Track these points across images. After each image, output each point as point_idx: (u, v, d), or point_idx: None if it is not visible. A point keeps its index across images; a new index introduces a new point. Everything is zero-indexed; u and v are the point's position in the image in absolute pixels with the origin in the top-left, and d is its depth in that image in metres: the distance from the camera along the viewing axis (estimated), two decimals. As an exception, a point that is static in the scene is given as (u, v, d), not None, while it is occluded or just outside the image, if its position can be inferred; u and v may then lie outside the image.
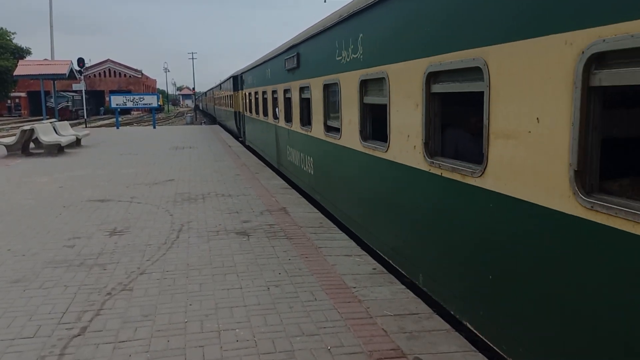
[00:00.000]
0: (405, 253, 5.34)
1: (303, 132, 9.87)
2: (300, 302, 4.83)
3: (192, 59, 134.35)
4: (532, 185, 3.22)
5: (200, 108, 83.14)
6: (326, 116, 8.23)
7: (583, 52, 2.71)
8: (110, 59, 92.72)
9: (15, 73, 34.01)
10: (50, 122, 21.08)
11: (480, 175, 3.77)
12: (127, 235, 7.25)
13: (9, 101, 70.56)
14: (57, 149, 18.12)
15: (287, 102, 11.28)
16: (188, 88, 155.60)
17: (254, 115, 17.58)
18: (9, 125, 40.07)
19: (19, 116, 66.56)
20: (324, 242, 6.82)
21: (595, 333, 2.78)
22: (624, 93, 4.18)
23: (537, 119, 3.13)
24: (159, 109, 70.87)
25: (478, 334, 3.91)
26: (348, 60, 6.76)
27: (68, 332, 4.23)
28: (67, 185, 11.54)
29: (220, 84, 36.09)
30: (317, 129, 8.75)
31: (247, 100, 19.27)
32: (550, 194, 3.05)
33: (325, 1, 21.09)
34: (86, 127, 34.46)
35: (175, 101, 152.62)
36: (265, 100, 14.68)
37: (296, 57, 9.88)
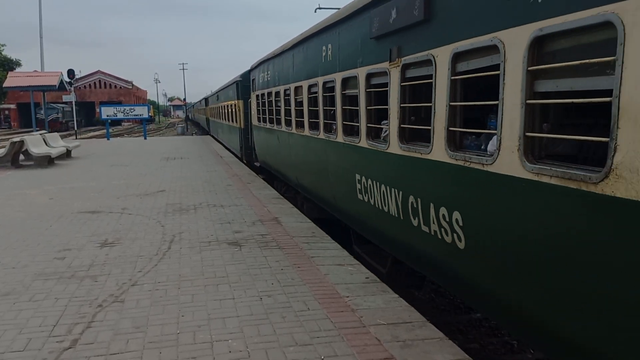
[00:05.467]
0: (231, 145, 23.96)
1: (219, 120, 29.62)
2: (293, 312, 4.82)
3: (183, 69, 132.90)
4: None
5: (190, 118, 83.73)
6: (224, 116, 25.79)
7: None
8: (101, 70, 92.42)
9: (4, 85, 33.89)
10: (40, 134, 20.93)
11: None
12: (118, 246, 7.20)
13: (-2, 113, 70.14)
14: (48, 161, 18.00)
15: (220, 112, 27.82)
16: (179, 99, 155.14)
17: (213, 118, 34.43)
18: (-1, 137, 39.76)
19: (9, 128, 66.10)
20: (316, 252, 6.82)
21: None
22: None
23: None
24: (150, 120, 70.72)
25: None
26: (224, 98, 25.94)
27: (59, 344, 4.19)
28: (57, 197, 11.47)
29: (200, 101, 56.72)
30: (223, 120, 27.07)
31: (211, 111, 37.09)
32: None
33: (315, 11, 21.80)
34: (76, 138, 34.27)
35: (166, 112, 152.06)
36: (216, 111, 30.96)
37: (216, 96, 30.72)
